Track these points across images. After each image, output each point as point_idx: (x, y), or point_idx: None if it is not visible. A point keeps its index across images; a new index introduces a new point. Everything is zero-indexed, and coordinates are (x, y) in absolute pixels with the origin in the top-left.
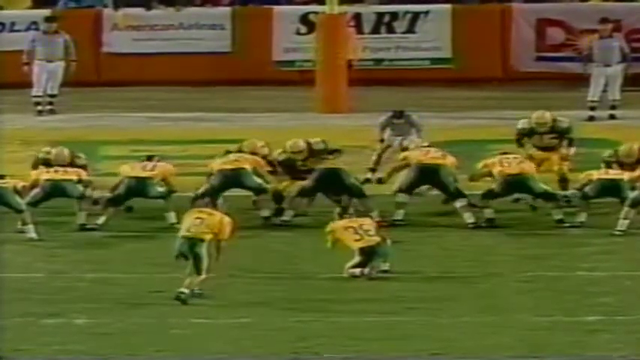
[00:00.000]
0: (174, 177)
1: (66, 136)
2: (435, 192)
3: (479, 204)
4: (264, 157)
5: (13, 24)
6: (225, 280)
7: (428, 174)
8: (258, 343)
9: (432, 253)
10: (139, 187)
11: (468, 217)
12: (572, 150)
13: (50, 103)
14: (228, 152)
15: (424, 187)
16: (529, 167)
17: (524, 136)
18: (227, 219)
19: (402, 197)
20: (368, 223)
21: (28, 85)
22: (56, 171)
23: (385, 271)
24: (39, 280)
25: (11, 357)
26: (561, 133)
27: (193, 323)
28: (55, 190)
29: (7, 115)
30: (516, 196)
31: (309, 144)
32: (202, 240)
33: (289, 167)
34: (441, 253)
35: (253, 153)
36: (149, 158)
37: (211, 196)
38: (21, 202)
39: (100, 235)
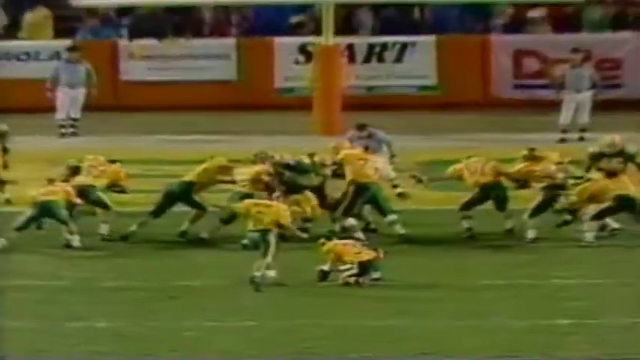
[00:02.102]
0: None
1: (80, 159)
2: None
3: (459, 215)
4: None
5: (37, 53)
6: (234, 287)
7: (362, 192)
8: (263, 345)
9: (417, 264)
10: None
11: (399, 229)
12: None
13: (73, 126)
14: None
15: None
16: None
17: (595, 160)
18: (283, 206)
19: (350, 220)
20: (356, 242)
21: (52, 109)
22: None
23: (377, 279)
24: (64, 287)
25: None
26: (628, 158)
27: (204, 326)
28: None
29: (32, 136)
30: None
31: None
32: (269, 230)
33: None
34: (425, 264)
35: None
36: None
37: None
38: (66, 214)
39: (121, 245)
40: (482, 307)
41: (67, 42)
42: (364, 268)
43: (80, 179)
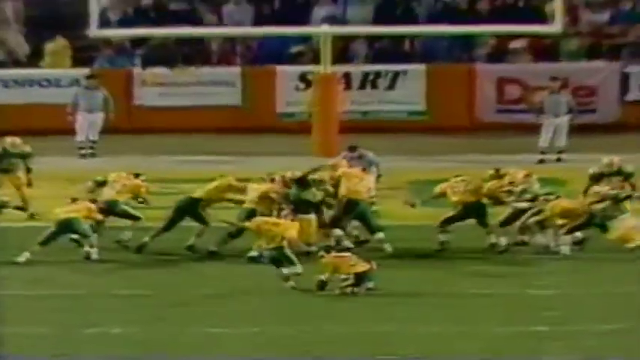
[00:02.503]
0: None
1: (104, 175)
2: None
3: (438, 230)
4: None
5: (58, 80)
6: (238, 296)
7: (351, 207)
8: (266, 348)
9: (407, 275)
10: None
11: (387, 247)
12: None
13: (91, 148)
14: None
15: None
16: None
17: (595, 180)
18: (290, 223)
19: (337, 231)
20: (351, 255)
21: (73, 132)
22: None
23: (370, 289)
24: (82, 295)
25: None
26: (626, 177)
27: (211, 332)
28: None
29: (54, 157)
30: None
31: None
32: (281, 247)
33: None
34: (415, 275)
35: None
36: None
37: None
38: (88, 228)
39: (135, 257)
40: (469, 315)
41: (85, 70)
42: (359, 278)
43: (105, 194)
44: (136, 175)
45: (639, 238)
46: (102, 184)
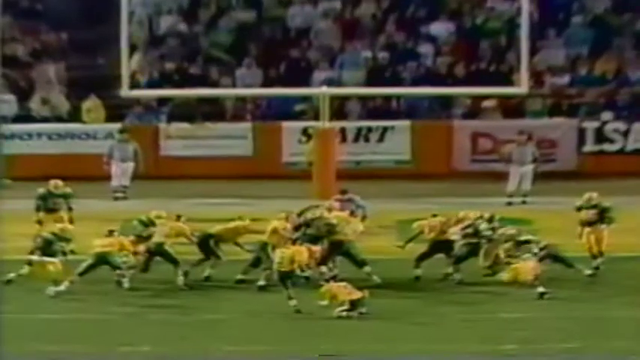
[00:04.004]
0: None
1: (136, 215)
2: None
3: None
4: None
5: (94, 134)
6: (250, 320)
7: (337, 247)
8: None
9: (393, 302)
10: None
11: (376, 279)
12: (605, 226)
13: (124, 192)
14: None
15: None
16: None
17: (578, 210)
18: (301, 249)
19: (322, 268)
20: (346, 284)
21: (108, 178)
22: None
23: (363, 313)
24: (116, 320)
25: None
26: (602, 211)
27: (226, 349)
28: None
29: (91, 200)
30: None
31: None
32: (292, 270)
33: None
34: (399, 302)
35: None
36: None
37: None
38: (119, 260)
39: (161, 286)
40: (448, 335)
41: (118, 125)
42: (354, 304)
43: (155, 236)
44: (178, 217)
45: (527, 276)
46: (145, 223)
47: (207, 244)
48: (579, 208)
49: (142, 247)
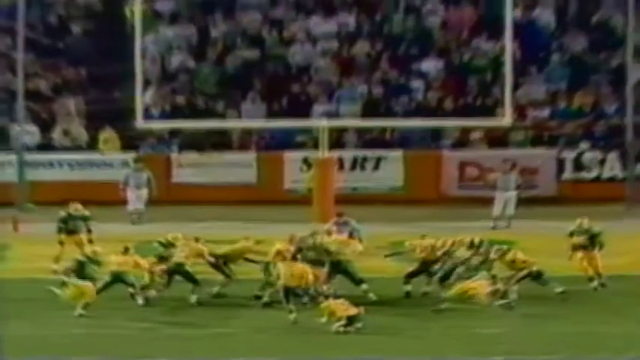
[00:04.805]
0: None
1: (150, 237)
2: None
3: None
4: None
5: (111, 162)
6: (255, 334)
7: (336, 266)
8: None
9: (385, 319)
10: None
11: (372, 296)
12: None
13: (139, 216)
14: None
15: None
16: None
17: (570, 235)
18: (308, 268)
19: (324, 287)
20: (343, 301)
21: (124, 203)
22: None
23: (359, 328)
24: (132, 334)
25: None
26: (592, 236)
27: None
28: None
29: (109, 223)
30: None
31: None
32: (298, 286)
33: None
34: (389, 319)
35: None
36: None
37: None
38: (134, 279)
39: (172, 303)
40: (437, 347)
41: (132, 155)
42: (351, 320)
43: (175, 256)
44: (196, 240)
45: (478, 293)
46: (165, 245)
47: (217, 265)
48: (572, 234)
49: (162, 267)
